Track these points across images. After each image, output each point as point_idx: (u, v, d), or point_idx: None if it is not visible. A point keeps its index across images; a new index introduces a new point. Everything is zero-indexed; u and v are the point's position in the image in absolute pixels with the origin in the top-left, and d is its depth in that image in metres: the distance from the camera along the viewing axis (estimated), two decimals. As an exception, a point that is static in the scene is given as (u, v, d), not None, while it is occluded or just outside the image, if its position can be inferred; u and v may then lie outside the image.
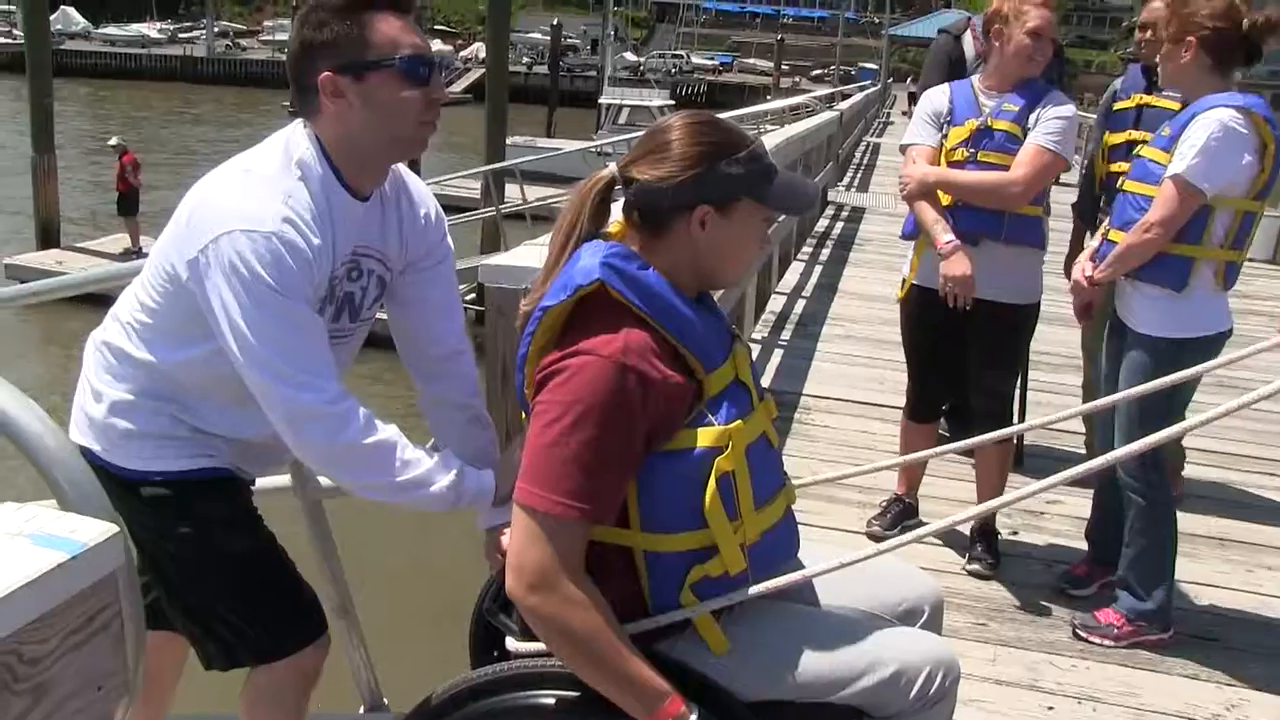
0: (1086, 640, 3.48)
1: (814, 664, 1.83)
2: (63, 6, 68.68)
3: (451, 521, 2.35)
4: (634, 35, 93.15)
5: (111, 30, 75.06)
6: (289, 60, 2.07)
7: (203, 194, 2.02)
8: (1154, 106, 4.07)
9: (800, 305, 8.02)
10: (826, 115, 13.00)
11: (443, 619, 2.43)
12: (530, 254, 2.74)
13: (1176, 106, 3.50)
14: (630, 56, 69.20)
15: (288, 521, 2.46)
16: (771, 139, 7.67)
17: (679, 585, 1.78)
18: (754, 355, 6.37)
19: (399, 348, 2.36)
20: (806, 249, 10.18)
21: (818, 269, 9.38)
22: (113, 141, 18.45)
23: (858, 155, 20.29)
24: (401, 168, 2.25)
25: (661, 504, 1.75)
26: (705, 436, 1.74)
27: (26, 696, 1.05)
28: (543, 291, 1.83)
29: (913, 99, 48.02)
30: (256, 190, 1.97)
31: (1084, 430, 4.99)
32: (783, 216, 1.79)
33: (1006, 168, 3.61)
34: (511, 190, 16.72)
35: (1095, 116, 4.93)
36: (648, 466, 1.74)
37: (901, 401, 4.24)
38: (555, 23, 46.29)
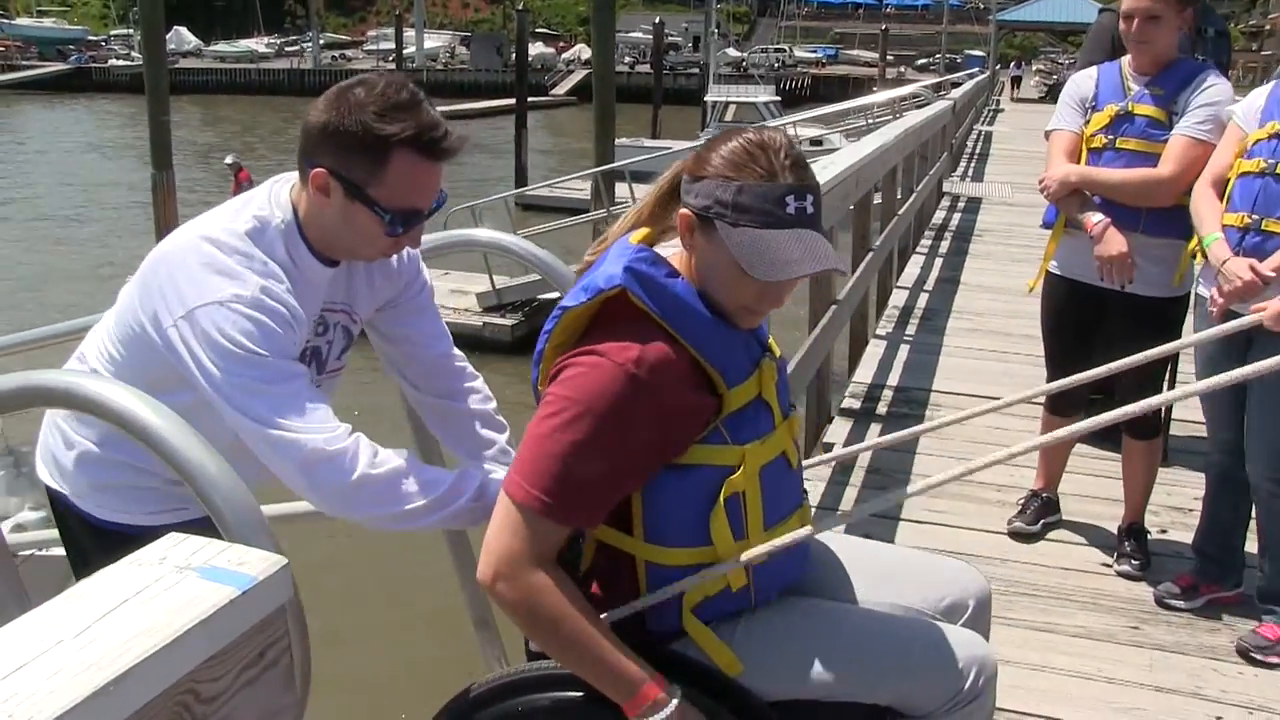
0: (1263, 663, 3.23)
1: (839, 663, 1.77)
2: (176, 27, 70.70)
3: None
4: (736, 30, 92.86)
5: (222, 47, 77.08)
6: (307, 121, 1.98)
7: (172, 259, 1.96)
8: None
9: (923, 299, 7.85)
10: (940, 105, 12.75)
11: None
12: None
13: None
14: (733, 52, 69.04)
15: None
16: (888, 132, 7.53)
17: (678, 602, 1.76)
18: (880, 352, 6.28)
19: (400, 380, 2.32)
20: (925, 242, 9.97)
21: (938, 262, 9.18)
22: (229, 160, 18.89)
23: (970, 145, 19.86)
24: None
25: (667, 517, 1.73)
26: (718, 455, 1.71)
27: (203, 736, 1.01)
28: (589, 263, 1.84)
29: (1015, 84, 46.91)
30: (227, 260, 1.92)
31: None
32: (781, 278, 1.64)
33: (1146, 155, 3.45)
34: (621, 190, 16.74)
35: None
36: (656, 479, 1.70)
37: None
38: (658, 21, 46.13)
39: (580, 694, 1.74)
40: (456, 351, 2.33)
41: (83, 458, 2.16)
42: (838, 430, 5.20)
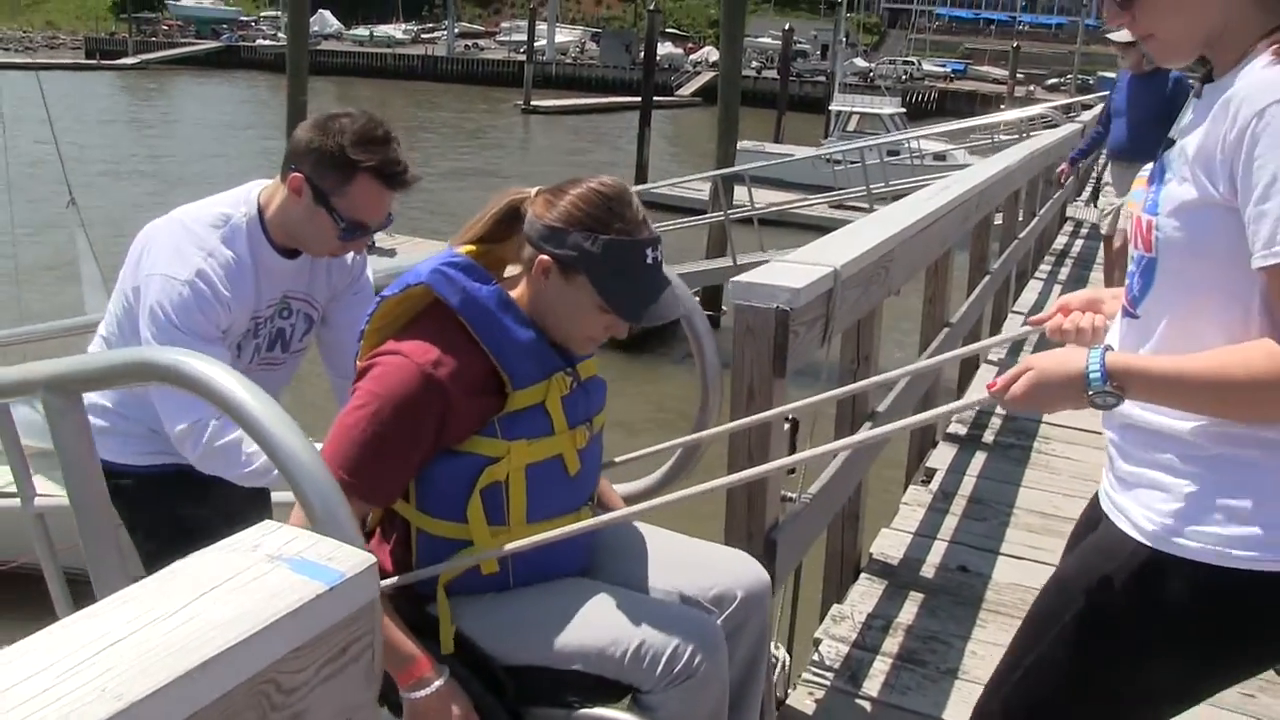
0: None
1: (557, 632, 1.89)
2: (320, 10, 72.80)
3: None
4: (865, 41, 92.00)
5: (361, 31, 79.07)
6: (296, 135, 2.39)
7: (151, 234, 2.42)
8: None
9: (1038, 326, 7.64)
10: (1069, 127, 12.46)
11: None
12: (782, 271, 2.64)
13: None
14: (860, 62, 68.41)
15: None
16: (1014, 153, 7.39)
17: (437, 575, 1.92)
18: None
19: (325, 359, 2.81)
20: (1045, 267, 9.76)
21: (1056, 288, 8.97)
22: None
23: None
24: None
25: (434, 491, 1.90)
26: (485, 445, 1.87)
27: (282, 726, 1.03)
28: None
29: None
30: (184, 243, 2.36)
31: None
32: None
33: None
34: (739, 194, 16.65)
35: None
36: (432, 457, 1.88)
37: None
38: (787, 27, 45.95)
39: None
40: None
41: (91, 407, 2.49)
42: (941, 455, 5.10)
